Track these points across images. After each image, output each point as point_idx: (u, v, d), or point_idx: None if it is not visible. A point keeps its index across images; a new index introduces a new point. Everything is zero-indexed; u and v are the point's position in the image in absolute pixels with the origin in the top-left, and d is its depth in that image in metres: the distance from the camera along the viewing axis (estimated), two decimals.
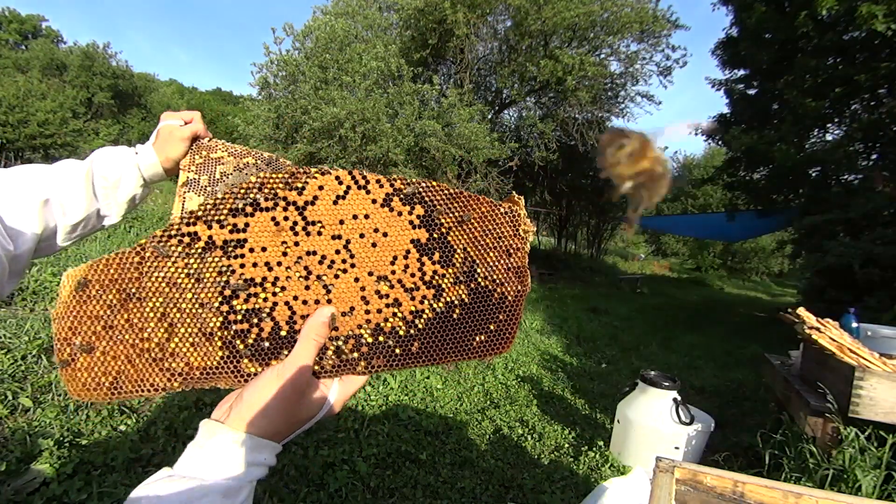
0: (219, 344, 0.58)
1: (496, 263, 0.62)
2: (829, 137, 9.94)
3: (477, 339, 0.61)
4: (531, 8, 12.57)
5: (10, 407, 2.48)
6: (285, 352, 0.58)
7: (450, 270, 0.62)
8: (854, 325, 2.58)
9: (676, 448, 2.72)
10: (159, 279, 0.58)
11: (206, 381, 0.58)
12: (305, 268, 0.60)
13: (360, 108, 11.96)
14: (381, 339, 0.60)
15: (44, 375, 2.85)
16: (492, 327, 0.62)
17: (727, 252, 27.17)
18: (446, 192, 0.63)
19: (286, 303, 0.59)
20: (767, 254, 26.22)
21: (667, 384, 2.88)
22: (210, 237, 0.59)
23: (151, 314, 0.58)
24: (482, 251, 0.62)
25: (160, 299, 0.58)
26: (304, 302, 0.59)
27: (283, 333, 0.58)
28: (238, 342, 0.58)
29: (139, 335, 0.58)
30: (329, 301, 0.60)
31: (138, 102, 36.77)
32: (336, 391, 0.58)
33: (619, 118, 15.32)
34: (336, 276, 0.60)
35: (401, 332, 0.60)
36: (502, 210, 0.63)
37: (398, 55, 12.93)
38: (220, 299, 0.58)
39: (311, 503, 2.15)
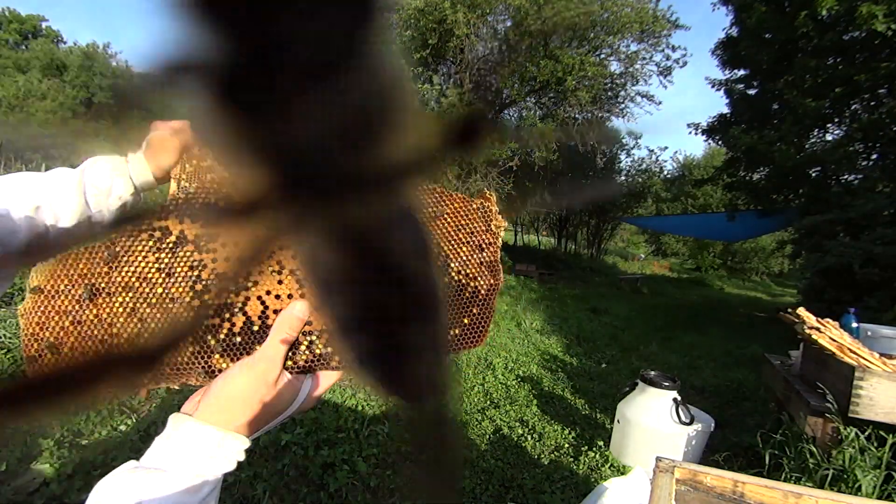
0: (189, 339, 0.57)
1: (469, 258, 0.63)
2: (829, 137, 9.95)
3: (451, 332, 0.61)
4: (531, 8, 12.58)
5: None
6: (257, 347, 0.57)
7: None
8: (854, 325, 2.58)
9: (676, 448, 2.72)
10: (129, 274, 0.58)
11: (175, 377, 0.58)
12: (279, 262, 0.59)
13: None
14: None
15: None
16: (465, 321, 0.62)
17: (727, 252, 27.17)
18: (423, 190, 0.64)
19: (258, 297, 0.58)
20: (767, 254, 26.22)
21: (667, 384, 2.88)
22: (182, 231, 0.59)
23: (121, 309, 0.58)
24: (456, 246, 0.63)
25: (130, 294, 0.58)
26: (277, 296, 0.58)
27: (255, 328, 0.58)
28: (209, 337, 0.57)
29: (108, 331, 0.57)
30: (302, 295, 0.58)
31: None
32: (309, 386, 0.57)
33: (619, 118, 15.34)
34: None
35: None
36: (475, 206, 0.65)
37: (398, 55, 12.92)
38: (191, 294, 0.58)
39: (311, 503, 2.15)
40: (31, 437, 2.22)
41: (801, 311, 2.39)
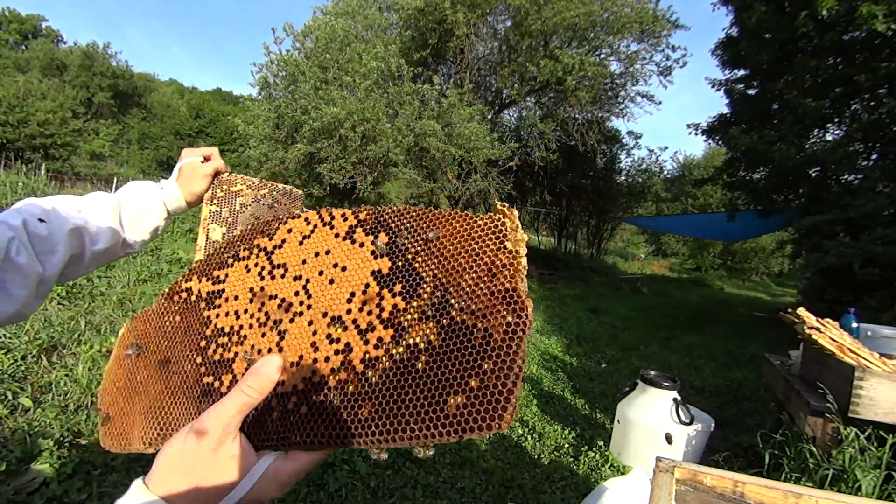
0: (193, 398, 0.56)
1: (474, 288, 0.46)
2: (829, 137, 9.95)
3: (451, 401, 0.41)
4: (531, 8, 12.57)
5: (10, 407, 2.48)
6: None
7: (414, 304, 0.48)
8: (854, 325, 2.58)
9: (676, 447, 2.72)
10: (163, 334, 0.62)
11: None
12: (266, 313, 0.56)
13: (360, 108, 11.96)
14: (324, 395, 0.47)
15: (44, 375, 2.85)
16: (473, 383, 0.41)
17: (727, 252, 27.17)
18: (413, 212, 0.55)
19: (245, 353, 0.55)
20: (767, 254, 26.22)
21: (667, 384, 2.88)
22: (199, 290, 0.62)
23: (154, 369, 0.61)
24: (455, 274, 0.48)
25: (161, 354, 0.61)
26: (259, 351, 0.54)
27: None
28: (205, 399, 0.54)
29: (147, 390, 0.60)
30: (280, 349, 0.53)
31: (138, 102, 36.78)
32: (270, 464, 0.46)
33: (619, 118, 15.34)
34: (291, 321, 0.54)
35: (349, 389, 0.46)
36: (481, 222, 0.51)
37: (398, 55, 12.94)
38: (196, 351, 0.58)
39: (311, 503, 2.15)
40: (32, 437, 2.22)
41: (801, 311, 2.39)
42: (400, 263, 0.52)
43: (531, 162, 15.24)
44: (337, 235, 0.58)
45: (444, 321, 0.46)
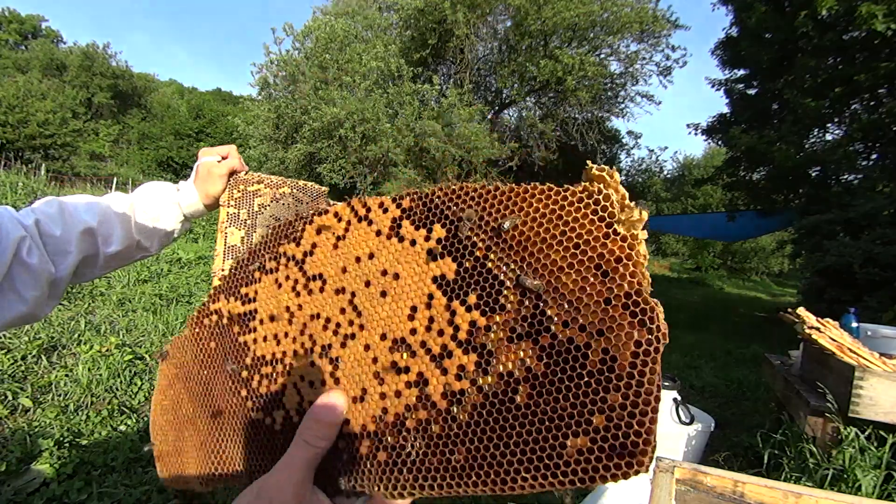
0: (243, 436, 0.50)
1: (579, 293, 0.35)
2: (829, 137, 9.96)
3: (571, 444, 0.33)
4: (531, 8, 12.58)
5: (10, 407, 2.48)
6: None
7: (497, 318, 0.38)
8: (854, 325, 2.58)
9: (676, 448, 2.72)
10: (199, 363, 0.55)
11: (232, 480, 0.51)
12: (311, 337, 0.47)
13: (360, 108, 11.97)
14: (404, 439, 0.40)
15: (44, 375, 2.85)
16: (597, 421, 0.33)
17: (727, 252, 27.19)
18: (473, 192, 0.41)
19: (294, 385, 0.47)
20: (767, 254, 26.24)
21: (667, 384, 2.87)
22: (228, 312, 0.53)
23: (197, 401, 0.55)
24: (549, 275, 0.37)
25: (202, 384, 0.55)
26: (311, 383, 0.45)
27: (296, 422, 0.46)
28: (254, 439, 0.49)
29: (196, 424, 0.55)
30: (337, 381, 0.44)
31: (138, 102, 36.79)
32: None
33: (619, 118, 15.35)
34: (343, 345, 0.45)
35: (434, 429, 0.39)
36: (573, 196, 0.36)
37: (398, 55, 12.94)
38: (239, 383, 0.51)
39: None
40: (32, 437, 2.22)
41: (801, 311, 2.38)
42: (468, 265, 0.40)
43: (531, 162, 15.24)
44: (379, 233, 0.45)
45: (545, 340, 0.35)
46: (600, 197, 0.35)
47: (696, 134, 12.80)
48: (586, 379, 0.33)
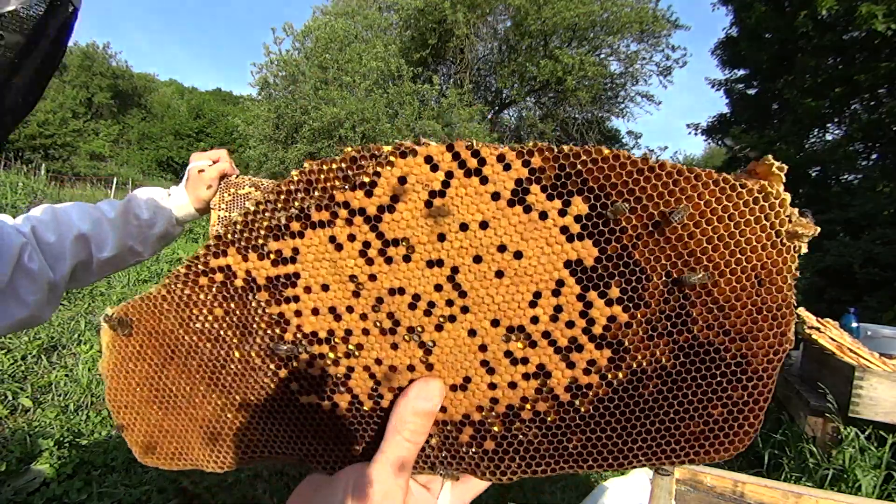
0: (289, 420, 0.45)
1: (732, 298, 0.34)
2: (829, 137, 9.96)
3: (689, 429, 0.36)
4: (531, 8, 12.58)
5: (10, 407, 2.48)
6: (369, 434, 0.42)
7: (640, 315, 0.36)
8: (854, 325, 2.59)
9: None
10: (197, 332, 0.44)
11: (273, 458, 0.47)
12: (390, 315, 0.39)
13: (360, 108, 11.97)
14: (516, 429, 0.39)
15: (44, 375, 2.85)
16: (716, 412, 0.35)
17: None
18: (629, 163, 0.34)
19: (366, 367, 0.41)
20: None
21: None
22: (248, 272, 0.41)
23: (199, 377, 0.46)
24: (707, 275, 0.35)
25: (204, 358, 0.45)
26: (392, 368, 0.40)
27: (365, 409, 0.42)
28: (305, 423, 0.45)
29: (190, 403, 0.47)
30: (430, 367, 0.39)
31: (138, 102, 36.81)
32: (447, 499, 0.41)
33: (619, 118, 15.37)
34: (438, 328, 0.39)
35: (550, 419, 0.38)
36: (743, 196, 0.33)
37: (398, 55, 12.95)
38: (273, 360, 0.43)
39: None
40: (32, 437, 2.22)
41: (801, 310, 2.39)
42: (612, 251, 0.35)
43: None
44: (496, 196, 0.35)
45: (683, 339, 0.35)
46: (776, 201, 0.33)
47: (696, 134, 12.82)
48: (718, 378, 0.35)
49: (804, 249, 0.33)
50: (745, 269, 0.33)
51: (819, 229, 0.33)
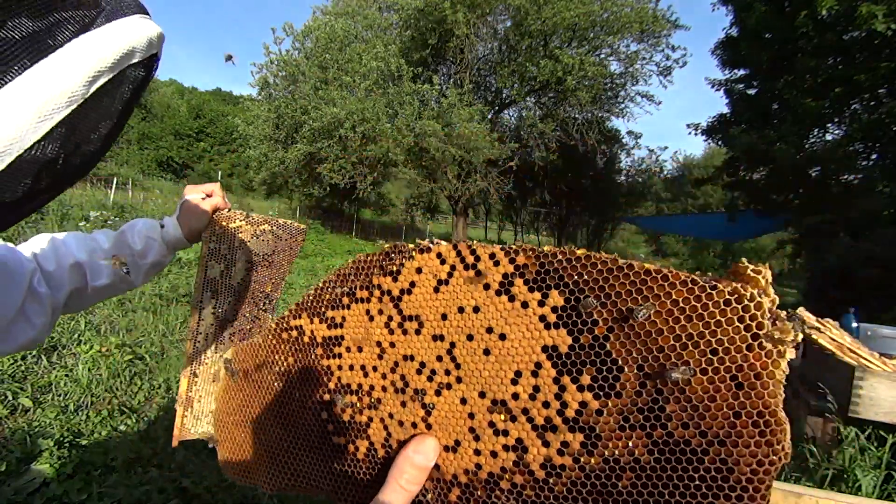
0: (323, 456, 0.53)
1: (707, 400, 0.34)
2: (828, 137, 9.96)
3: None
4: (531, 8, 12.58)
5: (10, 407, 2.48)
6: (381, 480, 0.47)
7: (612, 404, 0.37)
8: (854, 325, 2.59)
9: None
10: (275, 374, 0.58)
11: (310, 490, 0.54)
12: (402, 377, 0.47)
13: (360, 108, 11.97)
14: (496, 496, 0.42)
15: (44, 375, 2.85)
16: None
17: (727, 252, 27.20)
18: (601, 264, 0.38)
19: (381, 420, 0.48)
20: (767, 254, 26.25)
21: None
22: (312, 332, 0.53)
23: (270, 410, 0.58)
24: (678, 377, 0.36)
25: (276, 395, 0.58)
26: (400, 423, 0.47)
27: (379, 456, 0.48)
28: (334, 461, 0.51)
29: (266, 430, 0.59)
30: (429, 427, 0.45)
31: (138, 102, 36.78)
32: None
33: (619, 118, 15.37)
34: (437, 393, 0.45)
35: (526, 494, 0.40)
36: (719, 297, 0.34)
37: (398, 55, 12.94)
38: (320, 404, 0.53)
39: (311, 503, 2.15)
40: (32, 437, 2.22)
41: (801, 311, 2.39)
42: (584, 341, 0.38)
43: (531, 162, 15.25)
44: (487, 287, 0.42)
45: (658, 435, 0.35)
46: (751, 304, 0.33)
47: (696, 134, 12.81)
48: (697, 482, 0.34)
49: (790, 355, 0.32)
50: (717, 371, 0.33)
51: (801, 336, 0.33)
